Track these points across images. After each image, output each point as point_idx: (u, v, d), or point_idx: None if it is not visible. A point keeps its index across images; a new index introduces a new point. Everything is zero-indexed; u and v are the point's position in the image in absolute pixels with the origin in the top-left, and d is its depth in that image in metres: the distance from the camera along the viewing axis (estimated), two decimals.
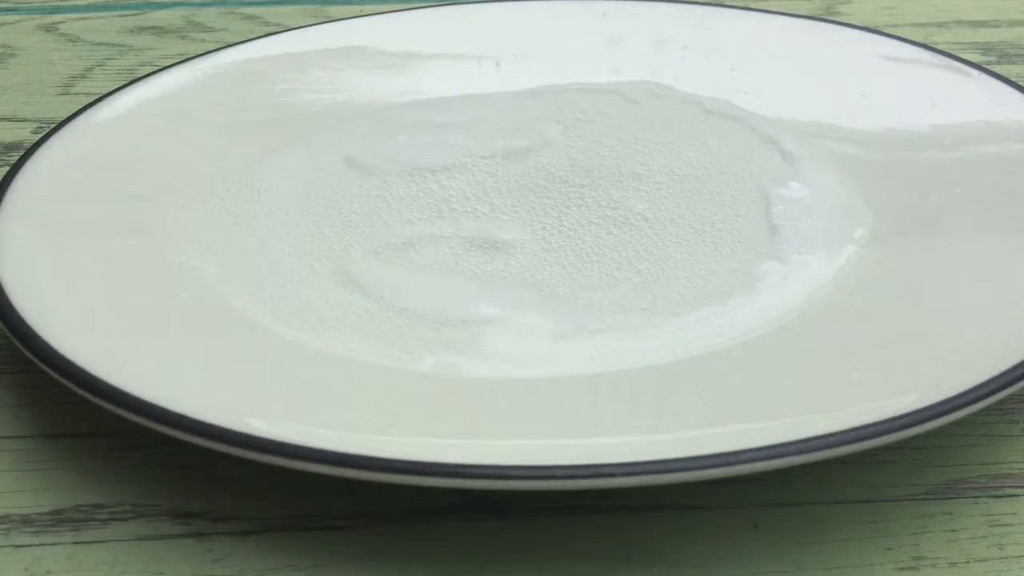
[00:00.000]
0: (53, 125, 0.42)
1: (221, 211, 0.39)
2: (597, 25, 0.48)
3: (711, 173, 0.40)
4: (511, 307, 0.35)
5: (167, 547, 0.29)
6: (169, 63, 0.47)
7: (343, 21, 0.50)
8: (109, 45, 0.54)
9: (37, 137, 0.41)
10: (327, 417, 0.30)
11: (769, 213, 0.38)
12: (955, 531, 0.29)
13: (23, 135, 0.47)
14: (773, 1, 0.56)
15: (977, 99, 0.42)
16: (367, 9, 0.52)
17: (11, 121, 0.48)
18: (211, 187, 0.40)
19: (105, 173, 0.40)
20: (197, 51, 0.49)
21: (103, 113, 0.42)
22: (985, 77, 0.43)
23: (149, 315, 0.34)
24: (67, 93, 0.50)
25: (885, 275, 0.35)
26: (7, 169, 0.39)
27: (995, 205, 0.37)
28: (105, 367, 0.30)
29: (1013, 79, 0.43)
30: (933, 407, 0.28)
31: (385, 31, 0.48)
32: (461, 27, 0.48)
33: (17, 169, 0.38)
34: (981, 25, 0.55)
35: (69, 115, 0.42)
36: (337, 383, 0.32)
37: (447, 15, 0.50)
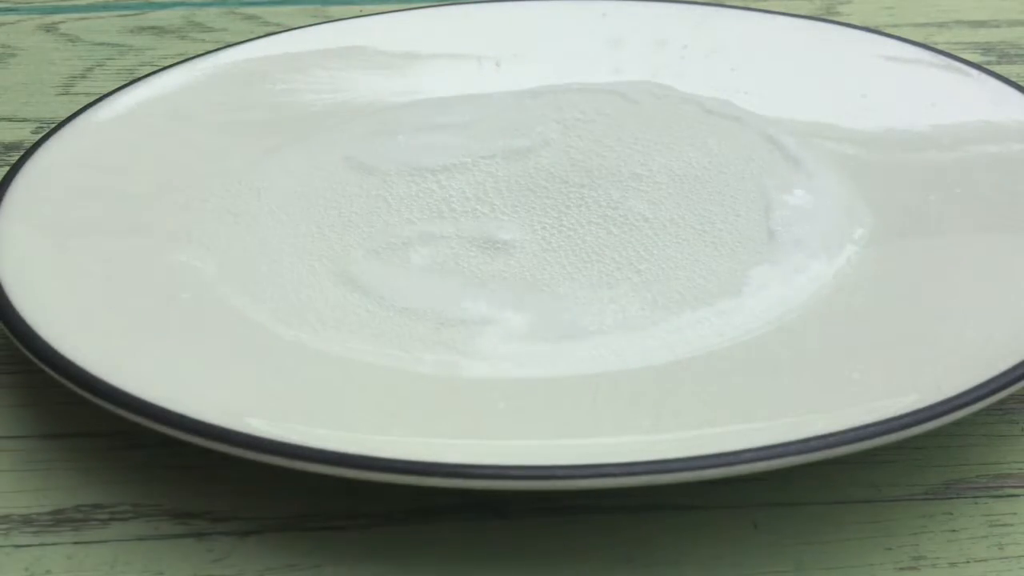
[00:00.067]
0: (53, 125, 0.41)
1: (221, 211, 0.39)
2: (597, 25, 0.48)
3: (711, 173, 0.40)
4: (511, 307, 0.35)
5: (167, 547, 0.29)
6: (169, 63, 0.46)
7: (343, 21, 0.49)
8: (109, 45, 0.54)
9: (37, 137, 0.41)
10: (327, 417, 0.30)
11: (769, 213, 0.38)
12: (955, 531, 0.29)
13: (23, 135, 0.47)
14: (773, 1, 0.56)
15: (977, 99, 0.42)
16: (367, 9, 0.52)
17: (11, 121, 0.48)
18: (211, 187, 0.40)
19: (105, 173, 0.40)
20: (197, 51, 0.49)
21: (103, 113, 0.42)
22: (985, 77, 0.43)
23: (149, 315, 0.34)
24: (67, 93, 0.50)
25: (885, 275, 0.35)
26: (7, 169, 0.39)
27: (995, 205, 0.37)
28: (105, 367, 0.30)
29: (1013, 79, 0.43)
30: (933, 407, 0.28)
31: (385, 31, 0.48)
32: (461, 27, 0.48)
33: (17, 169, 0.38)
34: (981, 25, 0.55)
35: (69, 115, 0.42)
36: (337, 383, 0.32)
37: (447, 15, 0.50)
